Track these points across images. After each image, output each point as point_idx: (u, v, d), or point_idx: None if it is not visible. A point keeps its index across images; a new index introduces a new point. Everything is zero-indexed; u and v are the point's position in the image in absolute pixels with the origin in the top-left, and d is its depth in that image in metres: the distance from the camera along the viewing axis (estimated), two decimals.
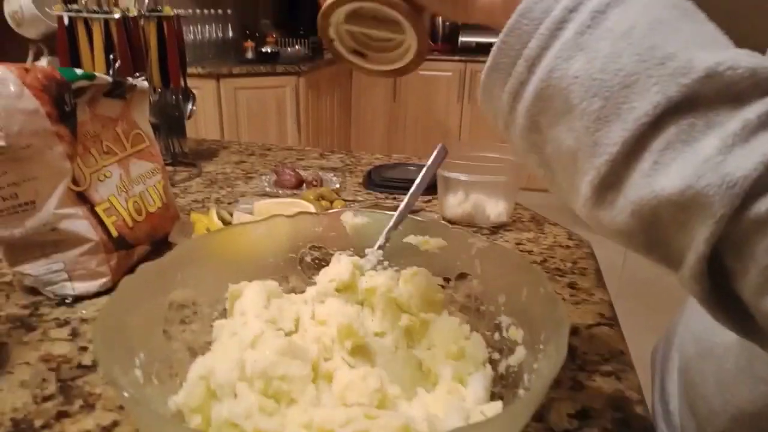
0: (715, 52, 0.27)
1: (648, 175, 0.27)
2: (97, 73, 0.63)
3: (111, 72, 0.95)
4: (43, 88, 0.56)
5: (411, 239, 0.54)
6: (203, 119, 2.73)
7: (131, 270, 0.57)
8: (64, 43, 0.96)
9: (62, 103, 0.58)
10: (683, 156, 0.26)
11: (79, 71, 0.60)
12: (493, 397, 0.42)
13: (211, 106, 2.74)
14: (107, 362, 0.33)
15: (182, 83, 1.13)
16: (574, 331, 0.57)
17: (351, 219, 0.56)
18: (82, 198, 0.61)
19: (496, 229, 0.84)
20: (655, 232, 0.28)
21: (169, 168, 1.08)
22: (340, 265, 0.51)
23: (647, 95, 0.27)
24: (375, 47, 0.43)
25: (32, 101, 0.55)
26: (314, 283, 0.52)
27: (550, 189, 0.35)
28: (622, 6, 0.28)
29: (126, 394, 0.30)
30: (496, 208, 0.83)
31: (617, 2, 0.28)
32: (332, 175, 1.04)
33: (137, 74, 0.74)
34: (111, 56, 0.95)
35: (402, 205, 0.52)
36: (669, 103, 0.26)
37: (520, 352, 0.43)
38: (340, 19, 0.40)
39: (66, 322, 0.56)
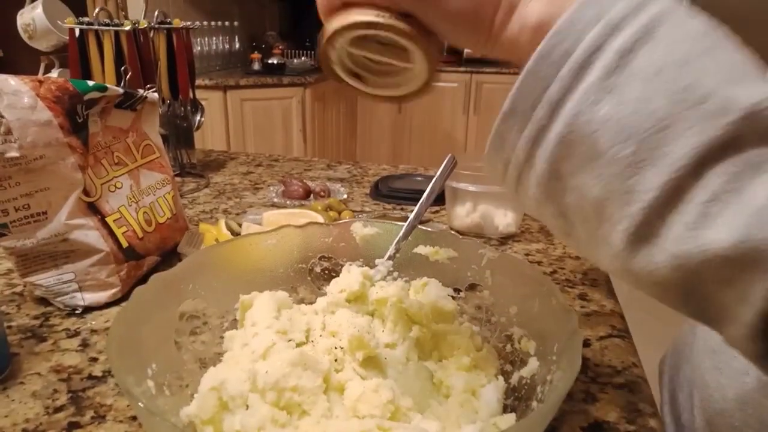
0: (753, 87, 0.25)
1: (693, 228, 0.25)
2: (108, 85, 0.63)
3: (122, 84, 0.96)
4: (56, 99, 0.56)
5: (421, 250, 0.54)
6: (210, 130, 2.75)
7: (141, 281, 0.57)
8: (75, 55, 0.97)
9: (74, 114, 0.59)
10: (732, 207, 0.24)
11: (91, 83, 0.61)
12: (505, 409, 0.42)
13: (217, 117, 2.76)
14: (121, 372, 0.33)
15: (191, 95, 1.14)
16: (586, 342, 0.56)
17: (361, 229, 0.56)
18: (93, 209, 0.62)
19: (505, 239, 0.83)
20: (695, 287, 0.27)
21: (178, 179, 1.09)
22: (351, 276, 0.51)
23: (684, 139, 0.25)
24: (376, 71, 0.41)
25: (45, 113, 0.55)
26: (324, 294, 0.53)
27: (564, 240, 0.33)
28: (649, 44, 0.26)
29: (141, 405, 0.30)
30: (504, 219, 0.83)
31: (644, 40, 0.26)
32: (339, 185, 1.04)
33: (148, 86, 0.75)
34: (122, 68, 0.96)
35: (412, 215, 0.52)
36: (708, 147, 0.25)
37: (533, 364, 0.43)
38: (344, 42, 0.38)
39: (76, 333, 0.57)
